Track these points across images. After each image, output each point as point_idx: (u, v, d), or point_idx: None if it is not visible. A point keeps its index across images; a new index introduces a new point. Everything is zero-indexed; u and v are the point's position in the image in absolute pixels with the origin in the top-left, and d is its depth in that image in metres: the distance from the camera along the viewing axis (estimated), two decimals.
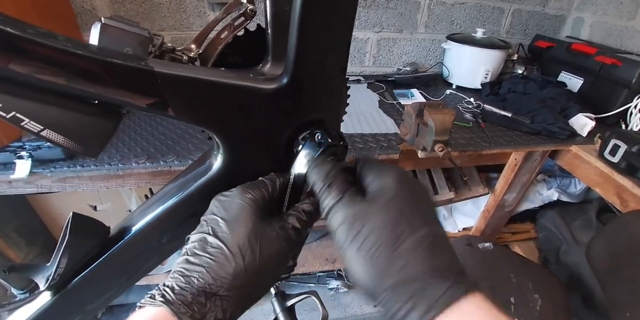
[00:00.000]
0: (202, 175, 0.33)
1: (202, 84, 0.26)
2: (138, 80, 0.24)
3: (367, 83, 1.31)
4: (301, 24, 0.24)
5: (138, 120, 0.99)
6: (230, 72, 0.28)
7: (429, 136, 0.85)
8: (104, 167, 0.79)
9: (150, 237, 0.36)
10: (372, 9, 1.28)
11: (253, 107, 0.28)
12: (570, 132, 1.04)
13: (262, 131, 0.30)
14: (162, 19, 1.17)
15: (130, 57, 0.24)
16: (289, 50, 0.26)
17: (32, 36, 0.21)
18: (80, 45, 0.23)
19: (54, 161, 0.77)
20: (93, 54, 0.23)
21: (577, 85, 1.23)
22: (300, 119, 0.30)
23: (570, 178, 1.42)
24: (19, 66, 0.21)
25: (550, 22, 1.48)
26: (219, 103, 0.27)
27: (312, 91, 0.29)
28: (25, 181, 0.80)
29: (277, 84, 0.28)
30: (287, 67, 0.27)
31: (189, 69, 0.26)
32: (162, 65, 0.25)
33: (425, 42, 1.40)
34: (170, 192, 0.35)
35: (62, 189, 0.86)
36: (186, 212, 0.34)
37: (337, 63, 0.29)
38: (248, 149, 0.31)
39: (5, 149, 0.78)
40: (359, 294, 0.28)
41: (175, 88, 0.25)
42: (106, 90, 0.24)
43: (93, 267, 0.36)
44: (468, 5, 1.36)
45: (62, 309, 0.39)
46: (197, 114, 0.27)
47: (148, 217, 0.35)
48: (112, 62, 0.23)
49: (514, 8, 1.41)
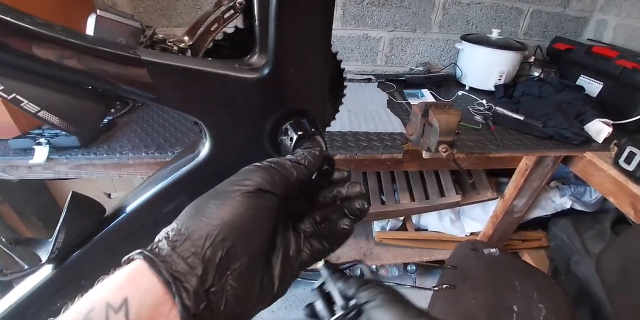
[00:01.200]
0: (190, 161, 0.35)
1: (187, 72, 0.28)
2: (127, 68, 0.26)
3: (377, 82, 1.31)
4: (278, 16, 0.25)
5: (151, 112, 1.03)
6: (215, 62, 0.29)
7: (434, 137, 0.85)
8: (116, 155, 0.83)
9: (142, 218, 0.38)
10: (385, 7, 1.28)
11: (236, 95, 0.30)
12: (585, 138, 1.00)
13: (245, 119, 0.32)
14: (179, 15, 1.21)
15: (121, 46, 0.26)
16: (269, 42, 0.27)
17: (30, 25, 0.23)
18: (75, 34, 0.25)
19: (69, 148, 0.82)
20: (86, 42, 0.25)
21: (596, 90, 1.19)
22: (282, 108, 0.32)
23: (586, 186, 1.37)
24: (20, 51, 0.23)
25: (571, 24, 1.43)
26: (203, 91, 0.29)
27: (292, 81, 0.30)
28: (44, 166, 0.85)
29: (259, 74, 0.29)
30: (268, 58, 0.28)
31: (175, 58, 0.27)
32: (149, 54, 0.26)
33: (439, 42, 1.39)
34: (161, 177, 0.37)
35: (77, 176, 0.91)
36: (174, 196, 0.36)
37: (318, 55, 0.30)
38: (232, 136, 0.33)
39: (26, 136, 0.83)
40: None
41: (161, 75, 0.27)
42: (97, 77, 0.26)
43: (89, 244, 0.39)
44: (484, 5, 1.33)
45: (61, 282, 0.41)
46: (183, 101, 0.29)
47: (140, 199, 0.37)
48: (103, 50, 0.25)
49: (533, 9, 1.37)
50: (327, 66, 0.31)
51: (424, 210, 1.29)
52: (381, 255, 1.44)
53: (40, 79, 0.26)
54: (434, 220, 1.47)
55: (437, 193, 1.29)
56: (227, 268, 0.20)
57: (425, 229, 1.48)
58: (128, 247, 0.41)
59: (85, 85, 0.27)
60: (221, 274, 0.20)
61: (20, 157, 0.81)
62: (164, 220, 0.39)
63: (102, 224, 0.38)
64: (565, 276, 1.35)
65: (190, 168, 0.35)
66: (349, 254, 1.43)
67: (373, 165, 0.98)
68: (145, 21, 1.22)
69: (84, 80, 0.26)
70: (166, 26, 1.23)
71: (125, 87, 0.27)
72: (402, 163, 1.00)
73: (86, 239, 0.39)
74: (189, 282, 0.18)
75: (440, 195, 1.29)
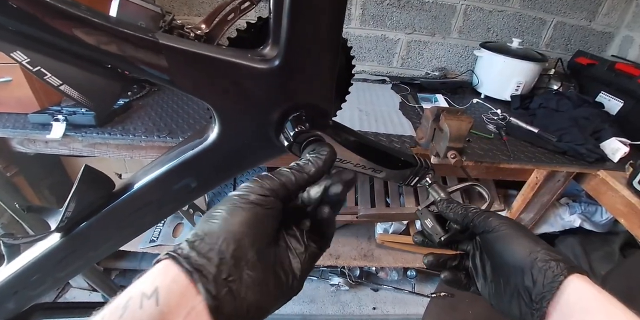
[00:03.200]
0: (198, 145, 0.36)
1: (201, 57, 0.29)
2: (145, 50, 0.27)
3: (392, 84, 1.31)
4: (292, 10, 0.26)
5: (166, 97, 1.05)
6: (229, 50, 0.31)
7: (443, 142, 0.85)
8: (129, 137, 0.85)
9: (148, 195, 0.40)
10: (405, 9, 1.27)
11: (246, 83, 0.31)
12: (600, 156, 0.98)
13: (253, 107, 0.33)
14: (200, 4, 1.23)
15: (141, 29, 0.27)
16: (282, 34, 0.28)
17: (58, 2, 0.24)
18: (99, 14, 0.26)
19: (85, 127, 0.85)
20: (108, 23, 0.26)
21: (616, 107, 1.16)
22: (290, 100, 0.33)
23: (597, 205, 1.34)
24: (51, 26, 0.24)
25: (596, 39, 1.40)
26: (215, 77, 0.30)
27: (302, 75, 0.31)
28: (60, 142, 0.88)
29: (269, 65, 0.30)
30: (279, 50, 0.29)
31: (190, 44, 0.29)
32: (167, 38, 0.28)
33: (457, 47, 1.37)
34: (169, 158, 0.38)
35: (91, 154, 0.94)
36: (180, 177, 0.38)
37: (328, 51, 0.30)
38: (240, 123, 0.34)
39: (44, 111, 0.86)
40: None
41: (176, 59, 0.28)
42: (116, 56, 0.27)
43: (97, 216, 0.41)
44: (507, 13, 1.31)
45: (68, 250, 0.43)
46: (196, 85, 0.30)
47: (147, 178, 0.39)
48: (124, 31, 0.27)
49: (557, 20, 1.34)
50: (337, 62, 0.32)
51: None
52: (382, 257, 1.44)
53: (63, 54, 0.27)
54: None
55: None
56: (240, 259, 0.22)
57: None
58: (133, 221, 0.43)
59: (105, 63, 0.29)
60: (236, 265, 0.22)
61: (38, 131, 0.84)
62: (169, 198, 0.41)
63: (111, 198, 0.40)
64: None
65: (198, 151, 0.36)
66: (349, 253, 1.44)
67: None
68: (167, 8, 1.24)
69: (104, 59, 0.28)
70: (187, 14, 1.26)
71: (141, 68, 0.28)
72: None
73: (94, 211, 0.40)
74: (208, 271, 0.21)
75: None
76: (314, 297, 1.54)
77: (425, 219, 0.41)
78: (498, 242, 0.33)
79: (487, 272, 0.36)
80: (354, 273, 1.56)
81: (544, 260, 0.30)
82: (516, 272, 0.31)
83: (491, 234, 0.34)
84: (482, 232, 0.35)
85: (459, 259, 0.40)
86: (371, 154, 0.42)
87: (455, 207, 0.39)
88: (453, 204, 0.40)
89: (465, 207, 0.38)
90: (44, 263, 0.44)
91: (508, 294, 0.32)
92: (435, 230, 0.40)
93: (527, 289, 0.30)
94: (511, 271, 0.32)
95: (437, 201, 0.43)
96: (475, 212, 0.37)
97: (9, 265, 0.45)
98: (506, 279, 0.32)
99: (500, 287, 0.33)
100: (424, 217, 0.42)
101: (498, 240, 0.33)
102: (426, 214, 0.42)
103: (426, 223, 0.41)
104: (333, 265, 1.48)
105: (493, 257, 0.35)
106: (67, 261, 0.45)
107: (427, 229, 0.41)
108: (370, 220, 1.37)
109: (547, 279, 0.29)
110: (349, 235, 1.51)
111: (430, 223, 0.40)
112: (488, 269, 0.36)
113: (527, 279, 0.30)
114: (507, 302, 0.32)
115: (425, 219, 0.42)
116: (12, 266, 0.45)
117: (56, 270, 0.45)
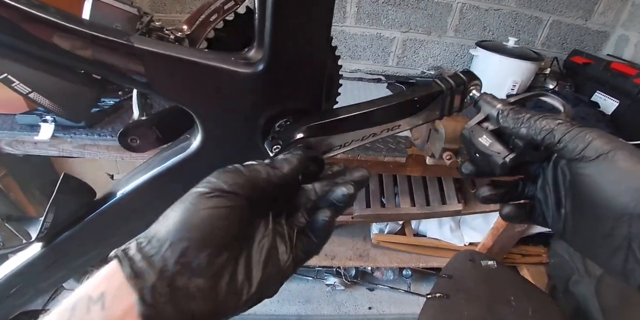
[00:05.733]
0: (180, 152, 0.35)
1: (181, 62, 0.27)
2: (119, 54, 0.26)
3: (387, 83, 1.29)
4: (275, 11, 0.25)
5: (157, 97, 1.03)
6: (210, 53, 0.29)
7: (439, 143, 0.84)
8: None
9: (131, 204, 0.38)
10: (400, 8, 1.26)
11: (229, 89, 0.29)
12: None
13: (237, 114, 0.31)
14: (192, 2, 1.21)
15: (115, 32, 0.26)
16: (265, 37, 0.27)
17: (23, 5, 0.23)
18: (69, 17, 0.25)
19: (74, 128, 0.83)
20: (79, 26, 0.25)
21: (611, 107, 1.16)
22: (276, 106, 0.31)
23: None
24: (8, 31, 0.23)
25: (592, 38, 1.39)
26: (196, 82, 0.29)
27: (288, 79, 0.30)
28: (49, 144, 0.86)
29: (253, 69, 0.29)
30: (264, 54, 0.28)
31: (169, 47, 0.27)
32: (143, 41, 0.26)
33: (453, 46, 1.36)
34: (151, 165, 0.37)
35: (81, 155, 0.92)
36: (161, 186, 0.36)
37: (315, 54, 0.29)
38: (223, 130, 0.32)
39: (32, 112, 0.84)
40: None
41: (154, 64, 0.27)
42: (90, 61, 0.26)
43: (78, 226, 0.39)
44: (503, 12, 1.30)
45: (49, 260, 0.42)
46: (175, 91, 0.29)
47: (130, 186, 0.37)
48: (96, 35, 0.25)
49: (553, 19, 1.33)
50: (325, 65, 0.31)
51: (423, 216, 1.28)
52: (377, 257, 1.43)
53: (32, 60, 0.26)
54: (433, 227, 1.45)
55: (439, 200, 1.27)
56: (187, 265, 0.21)
57: (424, 235, 1.47)
58: (116, 231, 0.41)
59: (77, 69, 0.27)
60: (181, 271, 0.21)
61: (27, 132, 0.82)
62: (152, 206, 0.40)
63: (92, 207, 0.39)
64: (563, 295, 1.33)
65: (181, 158, 0.35)
66: (345, 253, 1.43)
67: (375, 167, 0.97)
68: (159, 6, 1.22)
69: (76, 64, 0.26)
70: (179, 12, 1.23)
71: (117, 74, 0.27)
72: (405, 167, 0.99)
73: (76, 221, 0.39)
74: (148, 277, 0.20)
75: (441, 203, 1.27)
76: (310, 297, 1.54)
77: (479, 137, 0.32)
78: (604, 175, 0.24)
79: (567, 206, 0.27)
80: (350, 273, 1.55)
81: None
82: (632, 221, 0.23)
83: (593, 162, 0.24)
84: (574, 158, 0.26)
85: (522, 187, 0.32)
86: (374, 119, 0.36)
87: (529, 117, 0.28)
88: (523, 113, 0.29)
89: (545, 117, 0.28)
90: (26, 273, 0.43)
91: (603, 241, 0.24)
92: (497, 148, 0.30)
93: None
94: (619, 217, 0.23)
95: (492, 115, 0.32)
96: (562, 124, 0.26)
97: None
98: (605, 223, 0.24)
99: (589, 229, 0.25)
100: (477, 136, 0.32)
101: (604, 174, 0.24)
102: (479, 131, 0.32)
103: (481, 142, 0.31)
104: (328, 266, 1.48)
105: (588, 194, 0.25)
106: (50, 271, 0.43)
107: (483, 149, 0.31)
108: (366, 221, 1.36)
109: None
110: (344, 236, 1.50)
111: (486, 141, 0.31)
112: (568, 204, 0.27)
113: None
114: (600, 248, 0.25)
115: (478, 137, 0.32)
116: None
117: (38, 280, 0.43)
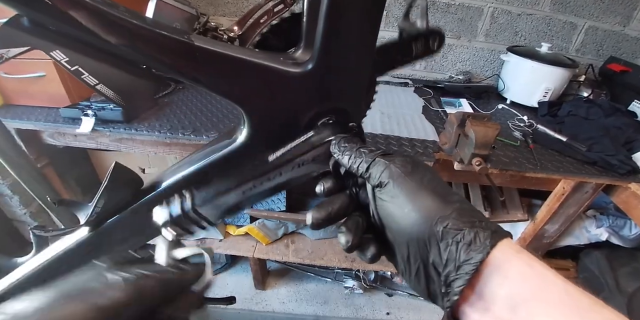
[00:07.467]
0: (226, 146, 0.36)
1: (234, 60, 0.29)
2: (179, 51, 0.28)
3: (414, 87, 1.28)
4: (328, 14, 0.26)
5: (190, 95, 1.07)
6: (261, 53, 0.30)
7: (468, 148, 0.83)
8: (154, 133, 0.87)
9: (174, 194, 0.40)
10: (430, 11, 1.25)
11: (278, 87, 0.31)
12: (632, 168, 0.94)
13: (284, 111, 0.32)
14: (225, 4, 1.24)
15: (176, 30, 0.27)
16: (316, 38, 0.28)
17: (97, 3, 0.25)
18: (136, 15, 0.26)
19: (113, 122, 0.87)
20: (145, 24, 0.26)
21: None
22: (321, 105, 0.32)
23: (626, 219, 1.28)
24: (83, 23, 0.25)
25: (630, 45, 1.33)
26: (247, 80, 0.30)
27: (334, 80, 0.31)
28: (88, 137, 0.91)
29: (302, 69, 0.30)
30: (313, 54, 0.29)
31: (224, 46, 0.29)
32: (201, 40, 0.28)
33: (483, 51, 1.34)
34: (197, 158, 0.39)
35: (117, 148, 0.97)
36: (206, 178, 0.38)
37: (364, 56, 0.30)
38: (269, 126, 0.34)
39: (75, 106, 0.89)
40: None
41: (210, 62, 0.28)
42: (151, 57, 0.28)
43: (124, 213, 0.42)
44: (536, 17, 1.27)
45: (95, 245, 0.45)
46: (227, 87, 0.30)
47: (175, 177, 0.39)
48: (160, 32, 0.27)
49: (589, 25, 1.29)
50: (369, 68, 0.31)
51: None
52: None
53: (101, 54, 0.28)
54: None
55: None
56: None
57: None
58: None
59: (140, 64, 0.29)
60: None
61: (68, 125, 0.87)
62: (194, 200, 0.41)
63: (139, 195, 0.41)
64: None
65: (225, 153, 0.36)
66: None
67: None
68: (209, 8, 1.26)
69: (140, 59, 0.28)
70: (212, 15, 1.27)
71: (176, 69, 0.28)
72: None
73: (122, 208, 0.41)
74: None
75: None
76: (328, 299, 1.54)
77: None
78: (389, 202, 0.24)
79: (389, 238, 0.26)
80: (369, 277, 1.54)
81: (455, 228, 0.21)
82: (419, 244, 0.22)
83: (387, 188, 0.24)
84: (375, 185, 0.26)
85: None
86: None
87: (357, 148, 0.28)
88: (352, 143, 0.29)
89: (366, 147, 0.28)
90: (71, 255, 0.45)
91: (407, 266, 0.24)
92: None
93: (435, 265, 0.22)
94: (413, 241, 0.23)
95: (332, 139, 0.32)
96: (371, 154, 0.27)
97: (38, 256, 0.47)
98: (403, 247, 0.24)
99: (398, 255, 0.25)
100: None
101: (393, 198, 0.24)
102: None
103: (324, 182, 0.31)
104: (348, 268, 1.47)
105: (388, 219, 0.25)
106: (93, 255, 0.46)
107: None
108: None
109: (461, 256, 0.20)
110: None
111: None
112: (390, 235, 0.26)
113: (433, 255, 0.22)
114: (413, 276, 0.24)
115: None
116: (42, 257, 0.46)
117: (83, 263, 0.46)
